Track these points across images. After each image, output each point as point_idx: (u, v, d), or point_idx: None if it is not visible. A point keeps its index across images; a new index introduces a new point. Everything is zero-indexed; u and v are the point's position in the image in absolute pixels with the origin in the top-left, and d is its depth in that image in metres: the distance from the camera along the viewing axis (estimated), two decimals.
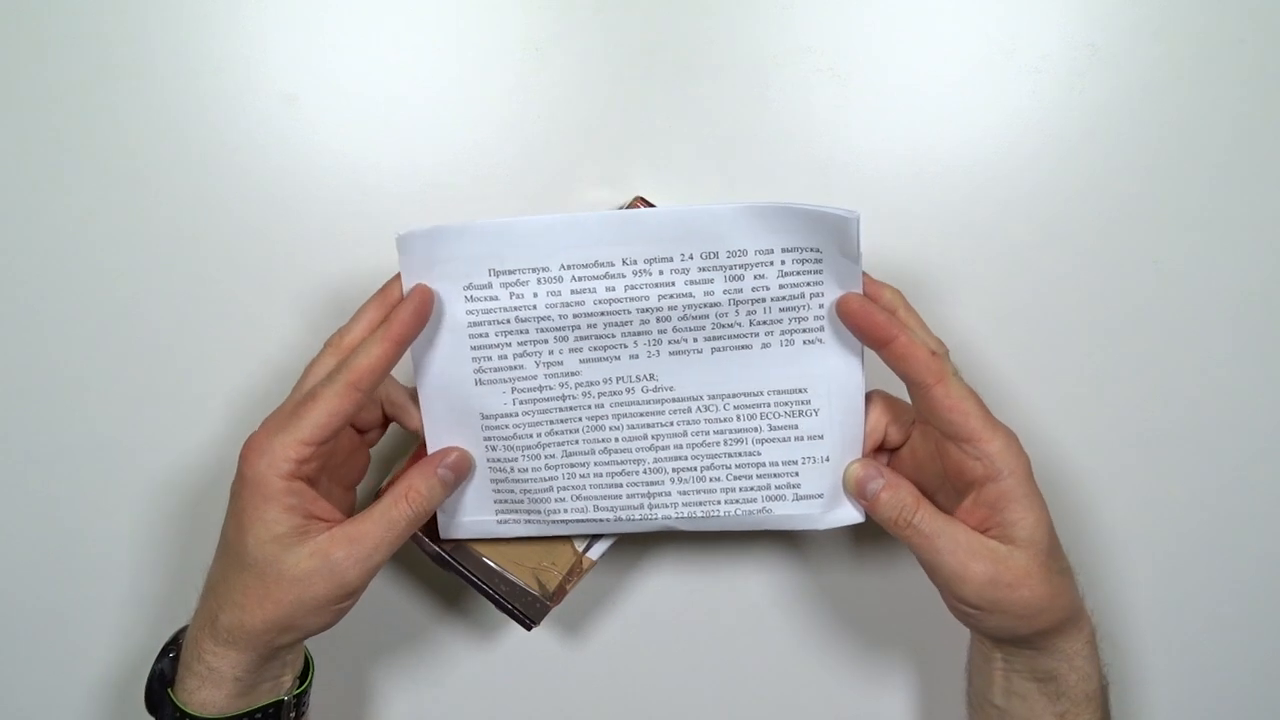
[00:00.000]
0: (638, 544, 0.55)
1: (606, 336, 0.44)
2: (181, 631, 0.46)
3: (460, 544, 0.49)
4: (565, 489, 0.47)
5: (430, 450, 0.46)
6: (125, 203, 0.52)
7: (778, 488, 0.47)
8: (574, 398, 0.45)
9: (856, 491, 0.46)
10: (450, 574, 0.50)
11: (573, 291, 0.43)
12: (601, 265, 0.43)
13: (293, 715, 0.46)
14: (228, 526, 0.43)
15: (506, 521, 0.48)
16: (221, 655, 0.43)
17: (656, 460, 0.46)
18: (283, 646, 0.43)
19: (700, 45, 0.52)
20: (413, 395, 0.47)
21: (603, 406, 0.46)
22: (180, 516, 0.54)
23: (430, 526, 0.49)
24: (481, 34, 0.52)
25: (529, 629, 0.50)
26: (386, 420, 0.48)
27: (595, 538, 0.50)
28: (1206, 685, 0.56)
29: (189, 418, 0.53)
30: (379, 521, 0.43)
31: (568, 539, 0.50)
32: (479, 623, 0.56)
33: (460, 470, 0.46)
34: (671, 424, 0.46)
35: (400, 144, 0.52)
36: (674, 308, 0.44)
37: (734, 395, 0.45)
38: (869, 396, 0.46)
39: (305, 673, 0.47)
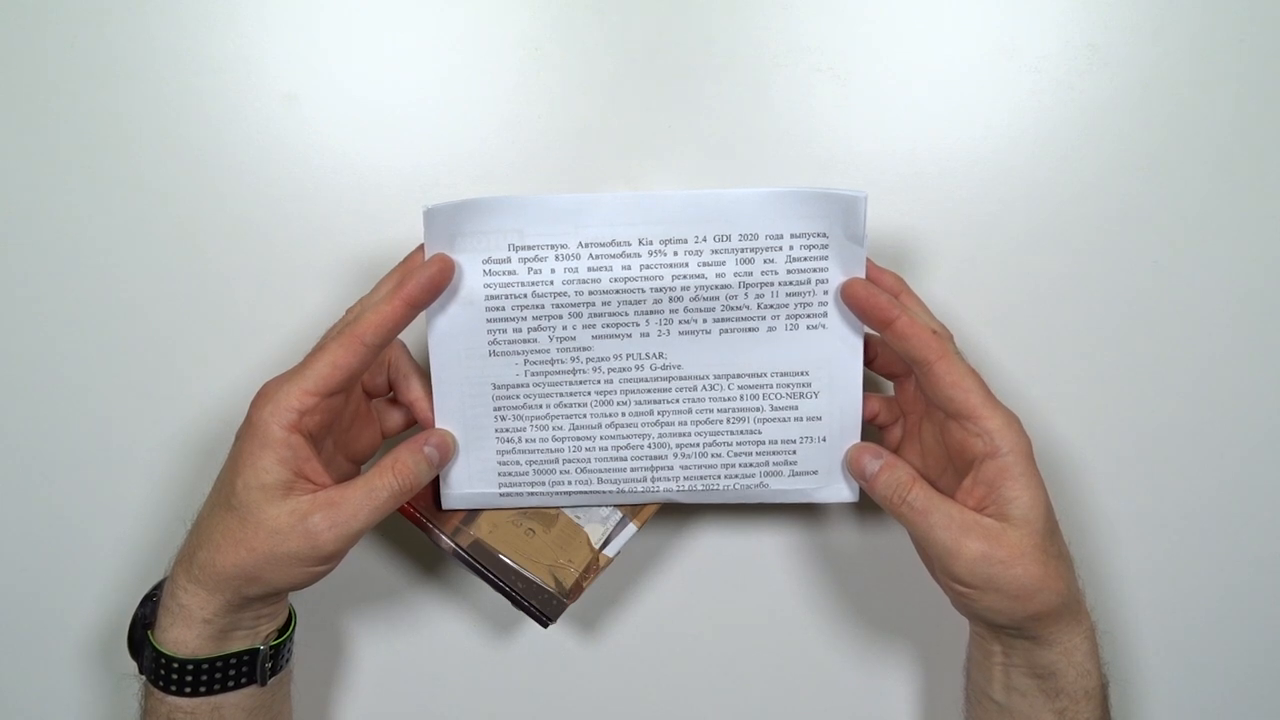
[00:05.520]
0: (654, 542, 0.55)
1: (620, 314, 0.46)
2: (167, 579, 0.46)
3: (477, 541, 0.49)
4: (571, 461, 0.48)
5: (437, 419, 0.47)
6: (125, 202, 0.52)
7: (775, 464, 0.48)
8: (584, 372, 0.47)
9: (855, 471, 0.47)
10: (466, 570, 0.50)
11: (590, 269, 0.45)
12: (619, 244, 0.44)
13: (269, 665, 0.45)
14: (225, 467, 0.44)
15: (509, 494, 0.49)
16: (192, 593, 0.43)
17: (661, 435, 0.48)
18: (254, 598, 0.43)
19: (700, 45, 0.52)
20: (419, 371, 0.48)
21: (611, 382, 0.47)
22: (178, 516, 0.54)
23: (441, 520, 0.49)
24: (481, 34, 0.52)
25: (546, 626, 0.50)
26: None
27: (612, 536, 0.50)
28: (1206, 684, 0.57)
29: (187, 417, 0.54)
30: (361, 489, 0.43)
31: (584, 537, 0.50)
32: (495, 619, 0.56)
33: (444, 450, 0.47)
34: (677, 401, 0.47)
35: (400, 144, 0.52)
36: (686, 288, 0.45)
37: (739, 376, 0.47)
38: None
39: (287, 627, 0.47)
